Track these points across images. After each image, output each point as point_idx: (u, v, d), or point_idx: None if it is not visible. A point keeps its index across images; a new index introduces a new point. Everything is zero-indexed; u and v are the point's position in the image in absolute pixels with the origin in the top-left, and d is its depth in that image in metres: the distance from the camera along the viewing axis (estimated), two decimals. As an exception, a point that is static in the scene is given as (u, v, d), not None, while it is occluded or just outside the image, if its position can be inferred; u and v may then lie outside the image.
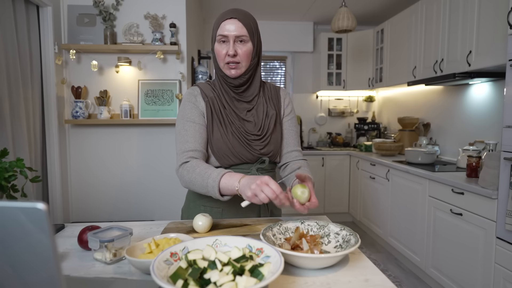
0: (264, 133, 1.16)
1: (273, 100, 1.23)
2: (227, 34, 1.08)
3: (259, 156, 1.15)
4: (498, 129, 2.47)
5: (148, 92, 2.51)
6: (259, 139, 1.15)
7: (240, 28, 1.08)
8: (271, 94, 1.24)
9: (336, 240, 0.90)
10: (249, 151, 1.13)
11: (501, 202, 1.80)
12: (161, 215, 2.63)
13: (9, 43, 1.91)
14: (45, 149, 2.32)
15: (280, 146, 1.20)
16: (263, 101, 1.21)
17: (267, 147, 1.15)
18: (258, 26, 1.16)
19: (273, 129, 1.18)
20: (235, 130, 1.13)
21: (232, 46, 1.08)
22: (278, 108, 1.23)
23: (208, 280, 0.62)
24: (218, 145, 1.12)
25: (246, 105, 1.18)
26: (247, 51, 1.10)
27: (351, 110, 4.68)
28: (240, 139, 1.12)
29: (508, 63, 1.74)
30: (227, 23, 1.08)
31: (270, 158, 1.17)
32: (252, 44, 1.12)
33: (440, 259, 2.33)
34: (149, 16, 2.46)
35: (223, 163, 1.13)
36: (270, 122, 1.18)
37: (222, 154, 1.12)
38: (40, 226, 0.41)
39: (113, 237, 0.82)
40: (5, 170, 1.03)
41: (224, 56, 1.10)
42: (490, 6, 2.18)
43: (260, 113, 1.18)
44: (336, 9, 3.95)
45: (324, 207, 4.05)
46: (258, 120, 1.17)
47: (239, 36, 1.08)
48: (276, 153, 1.19)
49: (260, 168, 1.16)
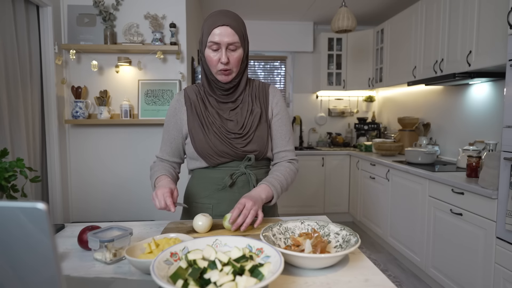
0: (246, 131, 1.17)
1: (260, 98, 1.23)
2: (219, 41, 1.08)
3: (244, 154, 1.17)
4: (498, 129, 2.47)
5: (148, 92, 2.51)
6: (241, 137, 1.16)
7: (232, 36, 1.08)
8: (258, 92, 1.24)
9: (336, 240, 0.90)
10: (232, 150, 1.15)
11: (501, 202, 1.80)
12: (161, 215, 2.62)
13: (9, 43, 1.91)
14: (45, 149, 2.32)
15: (266, 144, 1.20)
16: (248, 99, 1.21)
17: (249, 145, 1.16)
18: (246, 28, 1.16)
19: (256, 126, 1.18)
20: (216, 130, 1.16)
21: (224, 54, 1.09)
22: (265, 106, 1.23)
23: (208, 280, 0.62)
24: (201, 145, 1.16)
25: (231, 104, 1.20)
26: (238, 57, 1.12)
27: (351, 110, 4.68)
28: (222, 139, 1.15)
29: (508, 63, 1.74)
30: (219, 30, 1.07)
31: (257, 156, 1.19)
32: (243, 49, 1.13)
33: (440, 259, 2.33)
34: (149, 16, 2.47)
35: (210, 163, 1.17)
36: (254, 119, 1.18)
37: (206, 154, 1.16)
38: (40, 226, 0.41)
39: (113, 237, 0.82)
40: (5, 170, 1.03)
41: (216, 62, 1.11)
42: (490, 6, 2.18)
43: (244, 111, 1.19)
44: (336, 9, 3.95)
45: (324, 207, 4.05)
46: (241, 119, 1.18)
47: (231, 44, 1.09)
48: (263, 150, 1.19)
49: (248, 166, 1.19)
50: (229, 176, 1.16)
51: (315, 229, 0.93)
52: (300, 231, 0.94)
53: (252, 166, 1.19)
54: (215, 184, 1.19)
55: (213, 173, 1.19)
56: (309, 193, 4.04)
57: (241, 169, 1.18)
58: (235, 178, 1.17)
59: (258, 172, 1.21)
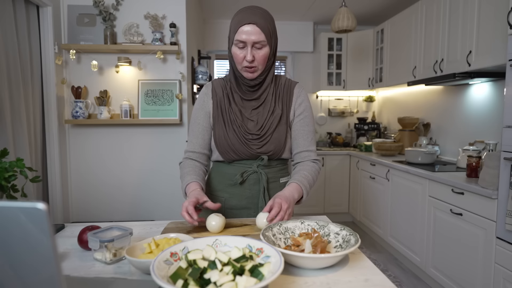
0: (264, 132, 1.18)
1: (283, 98, 1.23)
2: (245, 40, 1.08)
3: (258, 155, 1.19)
4: (498, 129, 2.47)
5: (148, 92, 2.51)
6: (258, 139, 1.18)
7: (259, 34, 1.08)
8: (282, 92, 1.24)
9: (336, 240, 0.90)
10: (247, 150, 1.18)
11: (501, 202, 1.80)
12: (161, 215, 2.63)
13: (9, 43, 1.91)
14: (45, 149, 2.32)
15: (283, 145, 1.21)
16: (271, 98, 1.21)
17: (265, 147, 1.18)
18: (275, 25, 1.16)
19: (275, 128, 1.19)
20: (236, 128, 1.18)
21: (250, 52, 1.09)
22: (288, 107, 1.23)
23: (208, 280, 0.62)
24: (220, 141, 1.20)
25: (254, 103, 1.21)
26: (264, 55, 1.12)
27: (351, 110, 4.68)
28: (239, 138, 1.18)
29: (508, 63, 1.74)
30: (245, 28, 1.07)
31: (272, 156, 1.21)
32: (270, 47, 1.13)
33: (440, 259, 2.33)
34: (149, 16, 2.46)
35: (225, 158, 1.22)
36: (274, 120, 1.19)
37: (224, 150, 1.20)
38: (40, 226, 0.41)
39: (113, 237, 0.82)
40: (5, 170, 1.03)
41: (242, 60, 1.11)
42: (490, 6, 2.18)
43: (266, 111, 1.20)
44: (336, 9, 3.95)
45: (324, 207, 4.05)
46: (261, 119, 1.19)
47: (257, 42, 1.09)
48: (278, 151, 1.21)
49: (261, 165, 1.22)
50: (240, 174, 1.20)
51: (315, 229, 0.93)
52: (300, 231, 0.94)
53: (264, 166, 1.22)
54: (228, 179, 1.24)
55: (228, 168, 1.24)
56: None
57: (253, 167, 1.21)
58: (246, 176, 1.21)
59: (270, 171, 1.24)
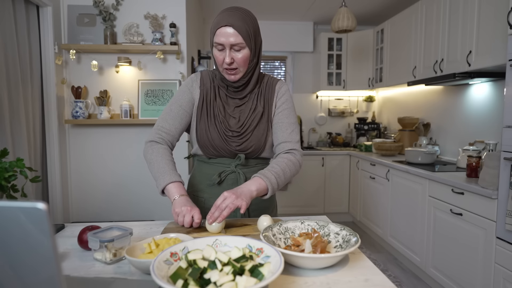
0: (245, 129, 1.18)
1: (265, 96, 1.22)
2: (223, 42, 1.07)
3: (237, 152, 1.18)
4: (498, 129, 2.47)
5: (148, 92, 2.51)
6: (238, 136, 1.18)
7: (235, 36, 1.06)
8: (265, 90, 1.23)
9: (336, 240, 0.90)
10: (227, 147, 1.18)
11: (501, 202, 1.80)
12: (161, 215, 2.63)
13: (9, 43, 1.91)
14: (45, 149, 2.32)
15: (264, 143, 1.20)
16: (254, 97, 1.21)
17: (244, 144, 1.18)
18: (257, 25, 1.14)
19: (255, 126, 1.19)
20: (217, 124, 1.18)
21: (228, 55, 1.08)
22: (269, 104, 1.22)
23: (208, 280, 0.61)
24: (201, 135, 1.18)
25: (238, 101, 1.21)
26: (244, 57, 1.11)
27: (351, 110, 4.68)
28: (220, 134, 1.17)
29: (508, 63, 1.74)
30: (222, 30, 1.07)
31: (251, 155, 1.20)
32: (249, 48, 1.11)
33: (440, 259, 2.33)
34: (149, 16, 2.46)
35: (205, 153, 1.21)
36: (254, 119, 1.19)
37: (204, 145, 1.19)
38: (40, 226, 0.41)
39: (113, 237, 0.82)
40: (5, 170, 1.03)
41: (222, 62, 1.11)
42: (490, 6, 2.18)
43: (247, 109, 1.20)
44: (336, 9, 3.95)
45: (324, 207, 4.05)
46: (242, 117, 1.19)
47: (235, 44, 1.08)
48: (258, 149, 1.19)
49: (239, 165, 1.20)
50: (217, 174, 1.19)
51: (315, 229, 0.93)
52: (300, 231, 0.94)
53: (243, 165, 1.21)
54: (207, 179, 1.23)
55: (207, 168, 1.24)
56: (309, 193, 4.04)
57: (231, 167, 1.20)
58: (223, 176, 1.20)
59: (248, 170, 1.22)
